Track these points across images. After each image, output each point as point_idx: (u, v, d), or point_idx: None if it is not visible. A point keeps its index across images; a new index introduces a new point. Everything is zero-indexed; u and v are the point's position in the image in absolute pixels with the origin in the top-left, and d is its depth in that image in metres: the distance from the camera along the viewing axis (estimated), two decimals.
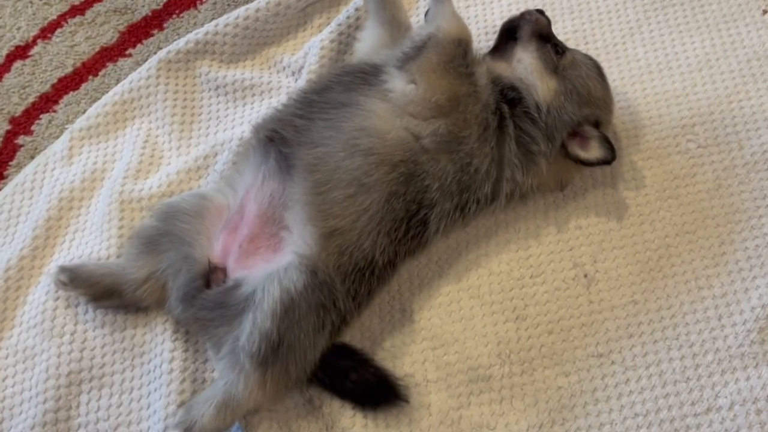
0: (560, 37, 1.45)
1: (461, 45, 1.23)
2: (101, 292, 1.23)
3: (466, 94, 1.21)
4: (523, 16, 1.34)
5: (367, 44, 1.39)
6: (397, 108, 1.19)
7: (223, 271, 1.18)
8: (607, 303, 1.26)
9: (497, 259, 1.31)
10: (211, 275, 1.18)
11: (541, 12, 1.35)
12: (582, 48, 1.51)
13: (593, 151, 1.26)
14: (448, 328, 1.25)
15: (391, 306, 1.28)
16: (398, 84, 1.21)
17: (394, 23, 1.40)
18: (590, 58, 1.34)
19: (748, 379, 1.18)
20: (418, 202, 1.18)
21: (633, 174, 1.37)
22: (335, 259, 1.13)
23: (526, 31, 1.32)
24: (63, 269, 1.23)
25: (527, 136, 1.25)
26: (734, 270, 1.27)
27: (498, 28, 1.41)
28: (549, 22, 1.35)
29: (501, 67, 1.30)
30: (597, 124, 1.28)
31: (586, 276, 1.28)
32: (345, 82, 1.25)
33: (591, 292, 1.27)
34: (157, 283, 1.22)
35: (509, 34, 1.34)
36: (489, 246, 1.33)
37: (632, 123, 1.42)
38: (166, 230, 1.23)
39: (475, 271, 1.31)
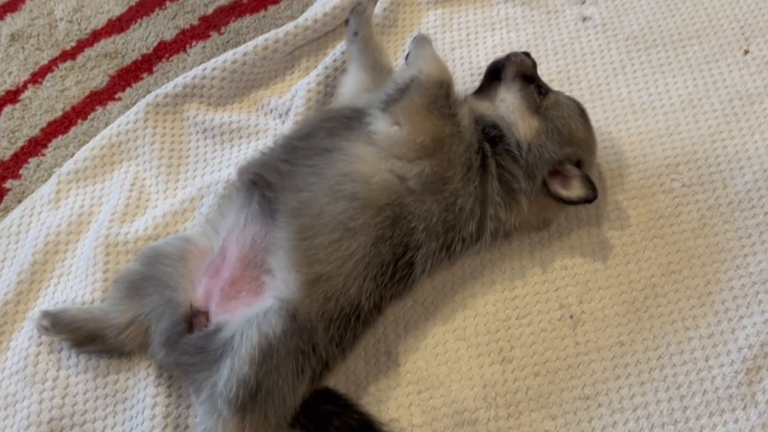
0: (545, 78, 1.46)
1: (443, 86, 1.25)
2: (84, 337, 1.22)
3: (449, 135, 1.22)
4: (508, 57, 1.36)
5: (350, 88, 1.40)
6: (382, 150, 1.20)
7: (206, 315, 1.18)
8: (593, 344, 1.25)
9: (483, 300, 1.31)
10: (193, 319, 1.18)
11: (527, 54, 1.37)
12: (566, 88, 1.53)
13: (574, 190, 1.27)
14: (433, 371, 1.24)
15: (376, 349, 1.27)
16: (383, 126, 1.22)
17: (377, 67, 1.42)
18: (573, 100, 1.35)
19: (736, 421, 1.17)
20: (405, 244, 1.18)
21: (618, 213, 1.37)
22: (320, 305, 1.12)
23: (510, 71, 1.33)
24: (45, 314, 1.22)
25: (508, 174, 1.26)
26: (721, 310, 1.27)
27: (483, 70, 1.42)
28: (534, 64, 1.37)
29: (484, 106, 1.31)
30: (579, 164, 1.29)
31: (572, 317, 1.27)
32: (328, 127, 1.25)
33: (577, 333, 1.26)
34: (140, 328, 1.21)
35: (494, 75, 1.36)
36: (475, 287, 1.32)
37: (617, 162, 1.42)
38: (149, 274, 1.22)
39: (462, 312, 1.30)
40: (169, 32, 1.74)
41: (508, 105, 1.30)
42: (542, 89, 1.33)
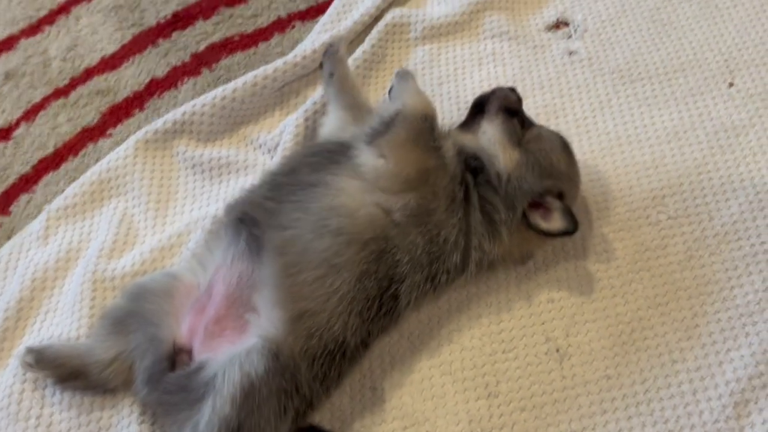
0: (531, 112, 1.47)
1: (427, 120, 1.26)
2: (68, 373, 1.22)
3: (434, 167, 1.22)
4: (494, 91, 1.37)
5: (330, 129, 1.42)
6: (367, 183, 1.21)
7: (189, 353, 1.17)
8: (580, 378, 1.24)
9: (469, 333, 1.30)
10: (176, 357, 1.17)
11: (512, 90, 1.38)
12: (552, 122, 1.54)
13: (555, 222, 1.27)
14: (419, 407, 1.23)
15: (361, 384, 1.26)
16: (368, 159, 1.23)
17: (355, 106, 1.43)
18: (557, 134, 1.36)
19: None
20: (390, 277, 1.18)
21: (604, 246, 1.37)
22: (303, 343, 1.12)
23: (493, 105, 1.35)
24: (29, 350, 1.22)
25: (490, 204, 1.26)
26: (708, 343, 1.26)
27: (470, 104, 1.43)
28: (519, 99, 1.38)
29: (467, 138, 1.32)
30: (561, 196, 1.29)
31: (558, 351, 1.26)
32: (313, 162, 1.26)
33: (564, 367, 1.25)
34: (124, 365, 1.21)
35: (479, 108, 1.37)
36: (461, 320, 1.32)
37: (602, 195, 1.43)
38: (134, 311, 1.22)
39: (447, 346, 1.29)
40: (161, 69, 1.76)
41: (490, 137, 1.31)
42: (525, 123, 1.34)
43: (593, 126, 1.53)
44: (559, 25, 1.71)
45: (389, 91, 1.39)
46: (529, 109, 1.54)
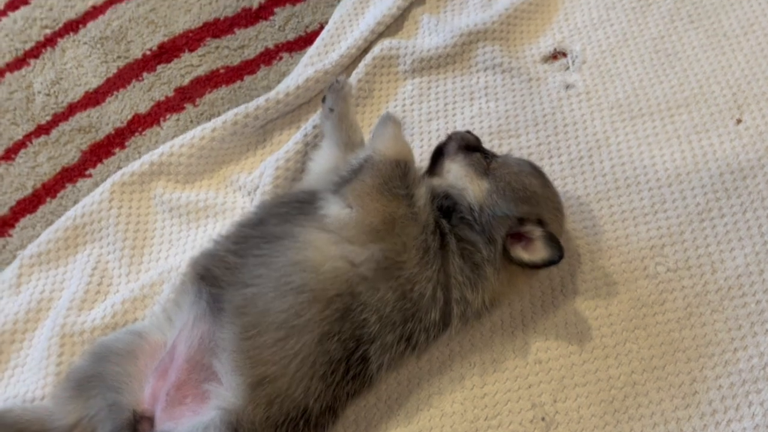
0: (523, 151, 1.39)
1: (399, 166, 1.19)
2: None
3: (402, 216, 1.15)
4: (449, 136, 1.33)
5: (320, 164, 1.37)
6: (333, 234, 1.14)
7: (150, 420, 1.11)
8: None
9: (450, 398, 1.22)
10: (137, 426, 1.11)
11: (468, 132, 1.34)
12: (546, 162, 1.45)
13: (538, 252, 1.18)
14: None
15: None
16: (334, 208, 1.16)
17: (350, 145, 1.37)
18: (525, 160, 1.31)
19: None
20: (357, 338, 1.11)
21: (597, 301, 1.28)
22: (264, 411, 1.05)
23: (452, 146, 1.30)
24: None
25: (469, 244, 1.18)
26: (707, 412, 1.16)
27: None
28: (477, 139, 1.33)
29: (434, 181, 1.27)
30: (541, 223, 1.20)
31: (544, 419, 1.18)
32: (281, 213, 1.20)
33: None
34: (86, 430, 1.15)
35: (438, 154, 1.32)
36: (442, 382, 1.24)
37: (597, 244, 1.34)
38: (96, 373, 1.17)
39: (427, 411, 1.22)
40: (144, 105, 1.71)
41: (455, 173, 1.26)
42: (488, 155, 1.29)
43: (589, 167, 1.43)
44: (556, 55, 1.62)
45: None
46: (522, 148, 1.46)
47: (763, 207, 1.34)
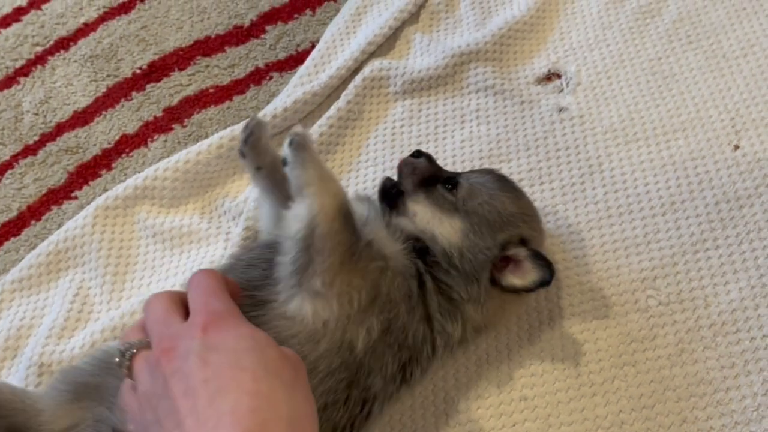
0: (514, 177, 1.35)
1: (345, 217, 1.05)
2: (4, 428, 1.11)
3: (380, 273, 1.06)
4: (400, 169, 1.23)
5: (267, 223, 1.27)
6: (311, 331, 1.04)
7: None
8: None
9: None
10: None
11: (417, 154, 1.23)
12: (536, 188, 1.41)
13: (529, 275, 1.11)
14: None
15: None
16: (303, 307, 1.02)
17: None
18: (488, 174, 1.22)
19: None
20: (363, 400, 1.07)
21: (586, 336, 1.24)
22: None
23: (408, 183, 1.20)
24: None
25: (446, 285, 1.13)
26: None
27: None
28: (428, 161, 1.22)
29: (404, 222, 1.17)
30: (524, 242, 1.15)
31: None
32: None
33: None
34: None
35: (394, 194, 1.21)
36: (425, 418, 1.21)
37: (587, 275, 1.30)
38: (96, 383, 1.11)
39: None
40: (132, 125, 1.69)
41: (422, 217, 1.16)
42: (451, 183, 1.18)
43: (581, 194, 1.39)
44: (550, 77, 1.58)
45: (283, 162, 1.11)
46: (512, 173, 1.42)
47: (760, 238, 1.29)
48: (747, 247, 1.29)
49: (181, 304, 0.96)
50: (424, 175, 1.20)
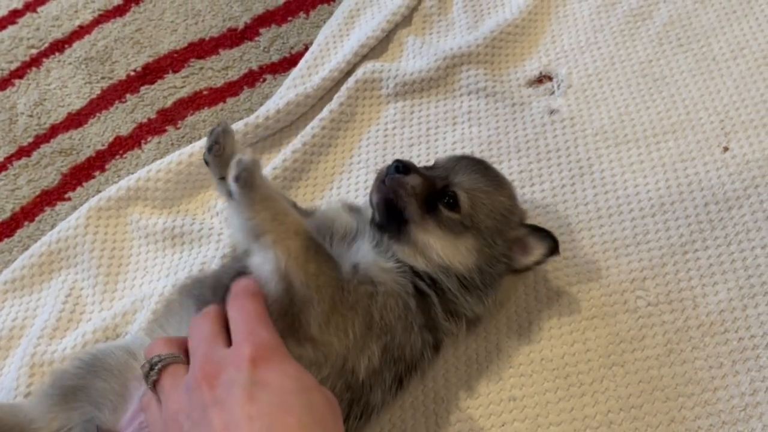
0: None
1: (317, 254, 0.99)
2: None
3: (369, 299, 1.02)
4: (398, 195, 1.10)
5: (239, 234, 1.23)
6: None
7: None
8: None
9: None
10: None
11: (403, 168, 1.11)
12: (527, 189, 1.42)
13: (536, 250, 1.14)
14: None
15: None
16: (306, 346, 1.01)
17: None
18: (472, 169, 1.15)
19: None
20: (361, 414, 1.07)
21: (575, 336, 1.25)
22: None
23: (412, 210, 1.09)
24: None
25: (454, 303, 1.13)
26: None
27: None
28: (416, 172, 1.11)
29: (405, 253, 1.10)
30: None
31: None
32: None
33: None
34: None
35: (394, 213, 1.11)
36: (416, 418, 1.21)
37: (576, 276, 1.30)
38: (83, 385, 1.12)
39: None
40: (126, 126, 1.69)
41: (435, 248, 1.09)
42: (449, 197, 1.11)
43: (571, 195, 1.40)
44: (541, 79, 1.59)
45: (228, 194, 1.02)
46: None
47: (748, 239, 1.30)
48: (735, 248, 1.29)
49: (226, 326, 0.93)
50: (424, 196, 1.10)
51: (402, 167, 1.10)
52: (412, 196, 1.09)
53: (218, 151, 1.09)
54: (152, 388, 0.93)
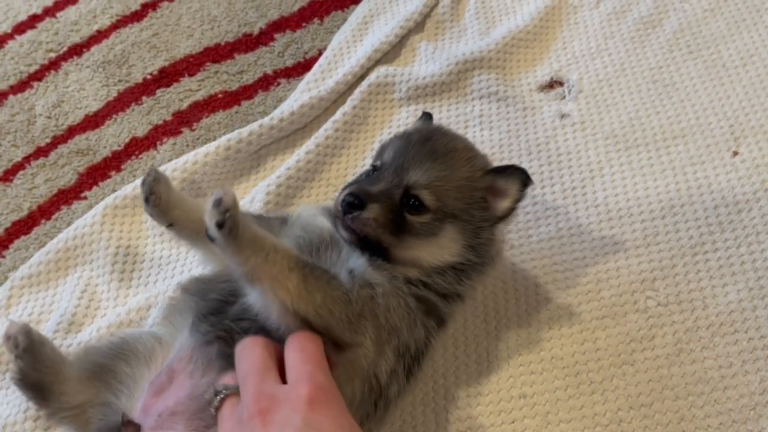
0: None
1: (315, 278, 0.97)
2: (33, 382, 1.14)
3: (371, 302, 1.02)
4: (365, 232, 1.07)
5: (214, 265, 1.20)
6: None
7: (137, 428, 1.09)
8: None
9: None
10: (122, 429, 1.09)
11: (358, 201, 1.06)
12: (538, 191, 1.44)
13: (510, 189, 1.12)
14: None
15: None
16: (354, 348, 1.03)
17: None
18: (421, 150, 1.10)
19: None
20: (375, 404, 1.08)
21: (585, 335, 1.26)
22: None
23: (387, 238, 1.08)
24: (25, 332, 1.14)
25: (454, 288, 1.15)
26: None
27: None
28: (374, 200, 1.06)
29: (397, 270, 1.09)
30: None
31: None
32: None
33: None
34: (82, 417, 1.13)
35: (370, 245, 1.09)
36: (426, 415, 1.22)
37: (587, 277, 1.31)
38: (110, 368, 1.13)
39: None
40: (142, 128, 1.72)
41: (423, 255, 1.10)
42: (411, 200, 1.08)
43: (581, 197, 1.41)
44: (552, 84, 1.61)
45: (209, 238, 0.94)
46: None
47: (758, 242, 1.31)
48: (745, 251, 1.30)
49: (276, 358, 0.94)
50: (390, 218, 1.07)
51: (356, 201, 1.05)
52: (379, 228, 1.06)
53: (156, 201, 1.09)
54: (214, 415, 0.94)
